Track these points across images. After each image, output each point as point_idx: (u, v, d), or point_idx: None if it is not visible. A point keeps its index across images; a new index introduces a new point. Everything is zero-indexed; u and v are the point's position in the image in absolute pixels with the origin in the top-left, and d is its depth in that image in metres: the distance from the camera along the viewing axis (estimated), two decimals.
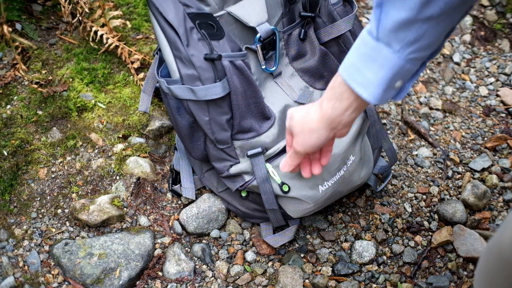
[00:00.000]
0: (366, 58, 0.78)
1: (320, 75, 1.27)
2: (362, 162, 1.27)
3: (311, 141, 0.90)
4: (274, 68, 1.22)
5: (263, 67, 1.20)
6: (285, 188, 1.18)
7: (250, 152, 1.18)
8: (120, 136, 1.47)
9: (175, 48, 1.09)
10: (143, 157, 1.44)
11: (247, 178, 1.21)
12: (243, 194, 1.25)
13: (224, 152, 1.19)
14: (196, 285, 1.25)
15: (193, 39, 1.07)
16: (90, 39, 1.65)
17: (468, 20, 2.02)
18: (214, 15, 1.11)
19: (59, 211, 1.33)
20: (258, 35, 1.16)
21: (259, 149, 1.18)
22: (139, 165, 1.41)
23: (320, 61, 1.26)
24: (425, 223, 1.37)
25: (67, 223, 1.31)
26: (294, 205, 1.21)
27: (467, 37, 1.98)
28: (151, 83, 1.26)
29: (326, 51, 1.26)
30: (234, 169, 1.21)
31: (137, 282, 1.23)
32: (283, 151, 1.19)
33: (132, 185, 1.38)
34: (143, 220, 1.33)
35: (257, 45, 1.17)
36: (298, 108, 0.92)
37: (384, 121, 1.63)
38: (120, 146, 1.45)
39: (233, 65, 1.09)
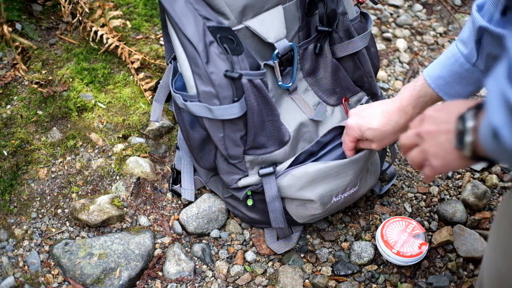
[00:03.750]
0: (459, 76, 0.99)
1: (333, 91, 1.26)
2: (370, 172, 1.27)
3: (389, 140, 1.11)
4: (290, 84, 1.20)
5: (280, 83, 1.18)
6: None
7: (262, 172, 1.17)
8: (120, 136, 1.47)
9: (194, 64, 1.06)
10: (143, 157, 1.44)
11: (254, 187, 1.21)
12: (249, 203, 1.24)
13: (234, 166, 1.19)
14: (196, 285, 1.25)
15: (213, 54, 1.05)
16: (90, 39, 1.65)
17: None
18: (233, 29, 1.10)
19: (59, 211, 1.33)
20: (276, 51, 1.14)
21: (271, 169, 1.17)
22: (139, 165, 1.41)
23: (333, 77, 1.25)
24: (425, 223, 1.37)
25: (67, 223, 1.31)
26: (301, 211, 1.21)
27: None
28: (163, 92, 1.25)
29: (339, 66, 1.24)
30: (242, 182, 1.20)
31: (137, 282, 1.23)
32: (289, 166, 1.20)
33: (132, 185, 1.38)
34: (143, 220, 1.33)
35: (275, 61, 1.15)
36: (369, 117, 1.10)
37: None
38: (120, 146, 1.45)
39: (252, 84, 1.08)
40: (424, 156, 0.82)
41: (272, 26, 1.13)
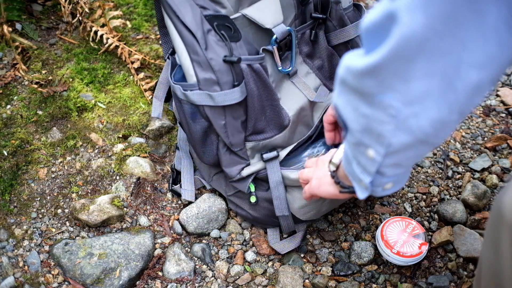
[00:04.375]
0: None
1: (330, 76, 1.28)
2: None
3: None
4: (290, 69, 1.21)
5: (279, 68, 1.19)
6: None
7: (266, 156, 1.18)
8: (120, 136, 1.47)
9: (193, 51, 1.07)
10: (143, 157, 1.44)
11: (258, 173, 1.22)
12: (252, 201, 1.25)
13: (236, 155, 1.19)
14: (196, 285, 1.25)
15: (211, 41, 1.06)
16: (90, 39, 1.65)
17: None
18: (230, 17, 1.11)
19: (59, 211, 1.33)
20: (274, 37, 1.15)
21: (275, 153, 1.18)
22: (139, 165, 1.41)
23: (329, 64, 1.26)
24: (425, 223, 1.37)
25: (67, 223, 1.31)
26: (302, 206, 1.21)
27: None
28: (163, 88, 1.25)
29: (334, 54, 1.26)
30: (245, 172, 1.21)
31: (137, 282, 1.23)
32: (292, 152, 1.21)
33: (132, 185, 1.38)
34: (143, 220, 1.33)
35: (274, 46, 1.16)
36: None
37: None
38: (120, 146, 1.45)
39: (251, 69, 1.08)
40: (311, 175, 1.01)
41: (269, 12, 1.14)
